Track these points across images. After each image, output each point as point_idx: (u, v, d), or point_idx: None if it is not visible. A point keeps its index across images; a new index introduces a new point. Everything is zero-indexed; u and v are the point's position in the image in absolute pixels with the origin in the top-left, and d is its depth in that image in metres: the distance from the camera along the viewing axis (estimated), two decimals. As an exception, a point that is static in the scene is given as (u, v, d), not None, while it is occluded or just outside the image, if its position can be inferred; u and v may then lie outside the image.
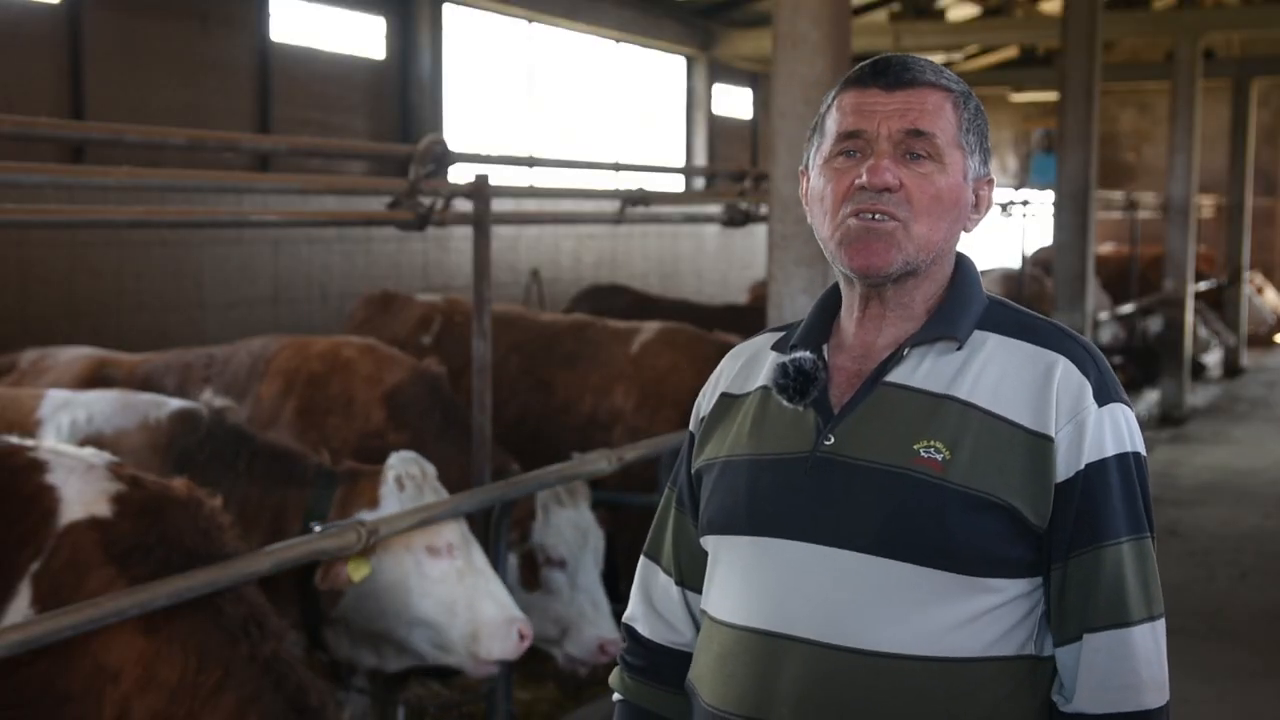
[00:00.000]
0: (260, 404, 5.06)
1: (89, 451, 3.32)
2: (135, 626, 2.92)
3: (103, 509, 3.05)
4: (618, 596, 4.78)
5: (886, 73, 1.74)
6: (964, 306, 1.77)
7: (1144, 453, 1.73)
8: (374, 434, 4.99)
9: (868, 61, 1.78)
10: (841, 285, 1.83)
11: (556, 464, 4.61)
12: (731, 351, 1.97)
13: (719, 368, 1.96)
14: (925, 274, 1.76)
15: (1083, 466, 1.67)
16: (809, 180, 1.81)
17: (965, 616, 1.65)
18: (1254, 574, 7.38)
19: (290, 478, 4.09)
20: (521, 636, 3.84)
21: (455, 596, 3.85)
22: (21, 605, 2.95)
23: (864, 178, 1.70)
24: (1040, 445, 1.67)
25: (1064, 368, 1.71)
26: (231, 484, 4.02)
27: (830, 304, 1.87)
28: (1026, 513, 1.65)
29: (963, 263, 1.83)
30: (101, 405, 4.21)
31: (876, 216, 1.70)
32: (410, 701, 5.00)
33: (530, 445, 5.82)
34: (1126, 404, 1.73)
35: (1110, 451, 1.68)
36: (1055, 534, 1.67)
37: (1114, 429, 1.69)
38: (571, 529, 4.76)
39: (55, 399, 4.24)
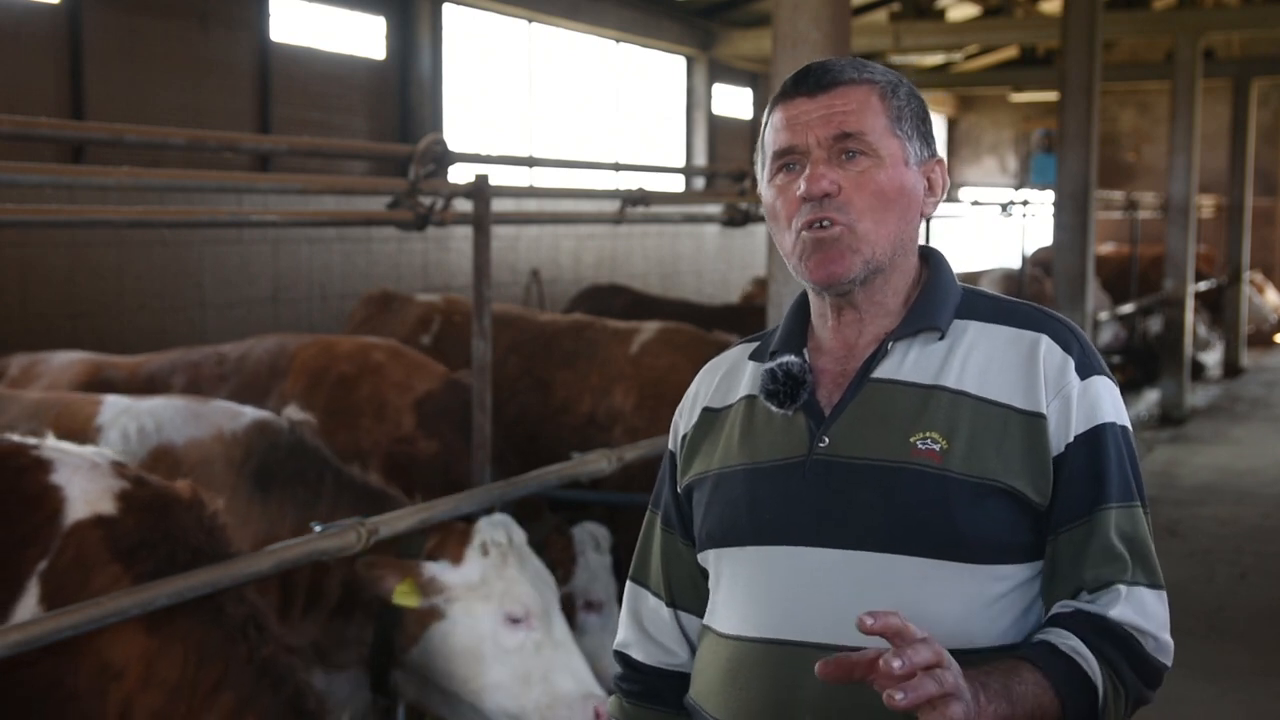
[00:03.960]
0: (283, 401, 5.03)
1: (92, 450, 3.30)
2: (138, 624, 2.92)
3: (108, 507, 3.05)
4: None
5: (807, 79, 1.76)
6: (941, 297, 1.78)
7: (1129, 425, 1.74)
8: (404, 439, 4.98)
9: (793, 74, 1.79)
10: (810, 295, 1.84)
11: (556, 464, 4.61)
12: (706, 367, 1.97)
13: (694, 385, 1.95)
14: (891, 268, 1.76)
15: (1072, 439, 1.68)
16: (764, 199, 1.82)
17: (978, 606, 1.65)
18: (1254, 574, 7.38)
19: (379, 509, 3.82)
20: (597, 715, 3.67)
21: (530, 668, 3.74)
22: (30, 604, 2.94)
23: (802, 188, 1.71)
24: (1034, 424, 1.67)
25: (1046, 345, 1.72)
26: (313, 505, 3.89)
27: (804, 307, 1.87)
28: (1029, 493, 1.66)
29: (933, 255, 1.84)
30: (169, 413, 3.99)
31: (824, 224, 1.71)
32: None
33: (529, 445, 5.81)
34: (1110, 377, 1.74)
35: (1097, 421, 1.69)
36: (1053, 509, 1.68)
37: (1099, 401, 1.70)
38: (605, 572, 4.83)
39: (115, 405, 4.05)
